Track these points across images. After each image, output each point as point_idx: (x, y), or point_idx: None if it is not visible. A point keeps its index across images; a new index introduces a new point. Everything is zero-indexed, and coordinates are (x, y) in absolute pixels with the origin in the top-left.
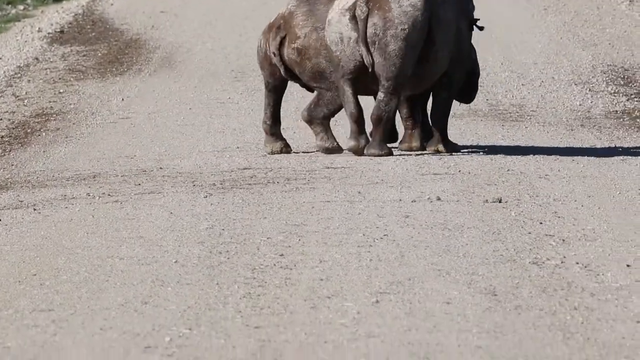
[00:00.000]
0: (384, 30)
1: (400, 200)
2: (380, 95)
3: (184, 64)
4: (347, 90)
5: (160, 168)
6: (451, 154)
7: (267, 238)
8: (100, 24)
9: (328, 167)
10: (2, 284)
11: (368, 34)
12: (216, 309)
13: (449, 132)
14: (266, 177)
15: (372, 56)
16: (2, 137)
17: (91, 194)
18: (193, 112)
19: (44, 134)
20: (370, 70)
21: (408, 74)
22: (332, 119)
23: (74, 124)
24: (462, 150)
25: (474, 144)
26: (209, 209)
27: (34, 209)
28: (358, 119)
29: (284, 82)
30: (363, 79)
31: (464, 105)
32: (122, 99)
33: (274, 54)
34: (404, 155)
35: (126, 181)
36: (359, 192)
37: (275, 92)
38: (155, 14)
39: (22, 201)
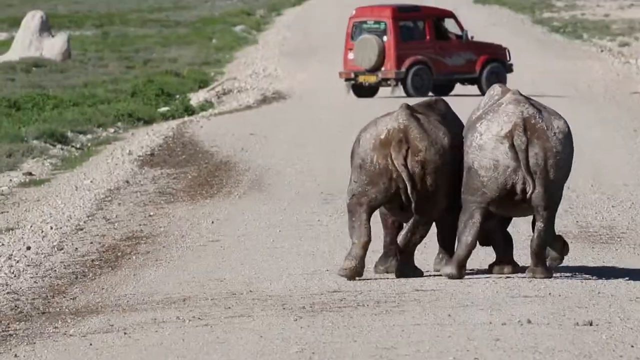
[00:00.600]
0: (544, 160)
1: (490, 323)
2: (540, 225)
3: (273, 186)
4: (477, 218)
5: (250, 291)
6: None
7: None
8: (190, 147)
9: (417, 290)
10: None
11: (530, 164)
12: None
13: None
14: (356, 300)
15: (534, 185)
16: (93, 260)
17: (181, 318)
18: (282, 235)
19: (134, 257)
20: (523, 199)
21: (560, 201)
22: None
23: (164, 247)
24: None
25: (564, 266)
26: (299, 332)
27: (125, 333)
28: (470, 249)
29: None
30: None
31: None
32: (212, 222)
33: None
34: (494, 277)
35: (216, 304)
36: (449, 315)
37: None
38: (244, 136)
39: (112, 325)
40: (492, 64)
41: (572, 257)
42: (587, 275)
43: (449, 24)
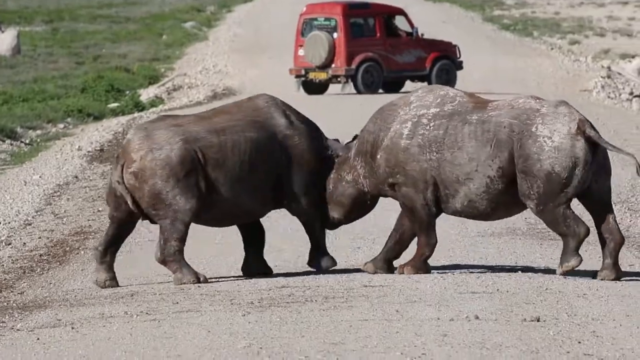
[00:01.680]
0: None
1: (438, 318)
2: (613, 217)
3: None
4: (571, 213)
5: (198, 286)
6: (487, 272)
7: (305, 357)
8: None
9: (366, 286)
10: None
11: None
12: None
13: (486, 250)
14: (304, 296)
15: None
16: (41, 255)
17: (129, 312)
18: (230, 230)
19: (82, 252)
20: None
21: None
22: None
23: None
24: (500, 269)
25: (512, 263)
26: (247, 327)
27: (72, 328)
28: (583, 238)
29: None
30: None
31: (501, 224)
32: None
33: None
34: (442, 273)
35: (164, 299)
36: (397, 311)
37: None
38: None
39: (60, 320)
40: (442, 61)
41: (520, 254)
42: (535, 272)
43: (400, 21)
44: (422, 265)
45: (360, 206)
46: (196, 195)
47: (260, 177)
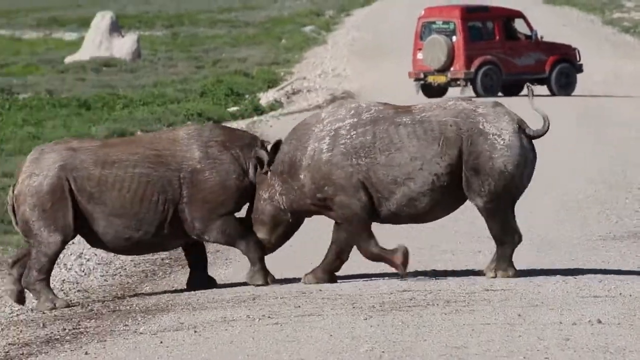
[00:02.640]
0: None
1: (560, 322)
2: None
3: None
4: (512, 216)
5: (320, 290)
6: (609, 276)
7: None
8: None
9: (487, 290)
10: None
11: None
12: None
13: (608, 253)
14: (425, 300)
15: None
16: (163, 259)
17: (251, 316)
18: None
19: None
20: None
21: None
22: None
23: (231, 247)
24: (624, 274)
25: (635, 267)
26: (369, 331)
27: (195, 331)
28: (517, 245)
29: None
30: None
31: (624, 228)
32: None
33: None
34: (564, 277)
35: (286, 303)
36: (519, 315)
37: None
38: None
39: (182, 323)
40: (562, 64)
41: None
42: None
43: (519, 24)
44: (327, 275)
45: (281, 224)
46: (60, 228)
47: (150, 212)
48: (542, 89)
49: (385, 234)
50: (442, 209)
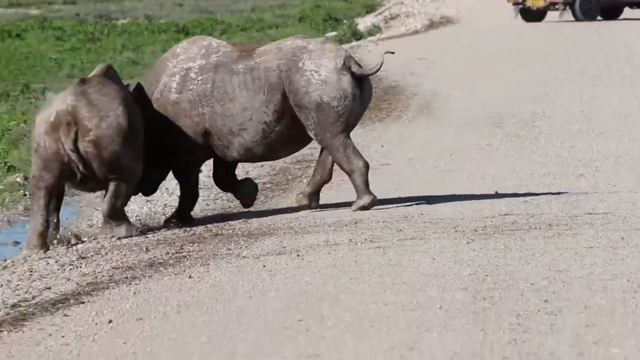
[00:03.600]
0: None
1: None
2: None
3: (442, 110)
4: (352, 144)
5: (422, 214)
6: None
7: (531, 284)
8: None
9: (590, 213)
10: (267, 330)
11: None
12: (482, 356)
13: None
14: (528, 223)
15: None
16: (264, 183)
17: (353, 240)
18: (452, 158)
19: (304, 180)
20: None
21: None
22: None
23: (334, 170)
24: None
25: None
26: (471, 254)
27: (297, 255)
28: (365, 172)
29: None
30: None
31: None
32: (382, 145)
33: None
34: None
35: (388, 227)
36: (622, 238)
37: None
38: (413, 61)
39: (285, 247)
40: None
41: None
42: None
43: None
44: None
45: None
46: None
47: None
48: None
49: (490, 157)
50: (287, 150)
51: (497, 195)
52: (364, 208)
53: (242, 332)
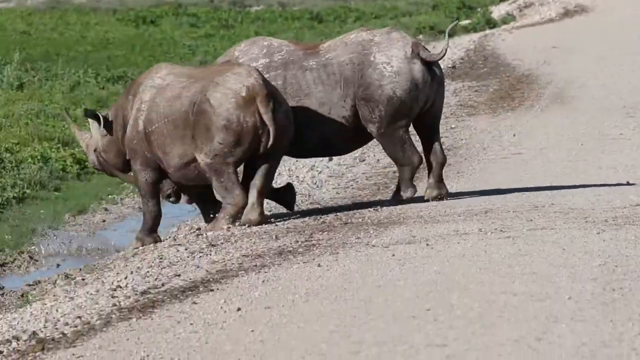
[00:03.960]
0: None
1: None
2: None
3: (575, 99)
4: (408, 139)
5: (552, 204)
6: None
7: None
8: (492, 60)
9: None
10: (396, 318)
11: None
12: (611, 347)
13: None
14: None
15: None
16: (394, 172)
17: (483, 230)
18: (584, 148)
19: None
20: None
21: None
22: None
23: (465, 159)
24: None
25: None
26: (601, 245)
27: (427, 244)
28: (417, 167)
29: None
30: None
31: None
32: (514, 135)
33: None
34: None
35: (518, 217)
36: None
37: None
38: (546, 50)
39: (414, 236)
40: None
41: None
42: None
43: None
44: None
45: None
46: None
47: None
48: None
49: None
50: (358, 143)
51: (629, 186)
52: (407, 199)
53: (370, 320)
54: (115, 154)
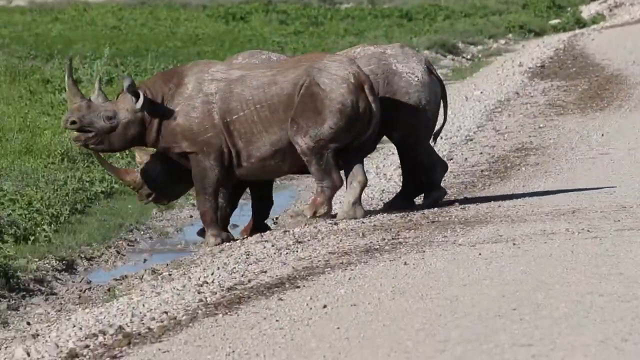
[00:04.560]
0: None
1: None
2: None
3: None
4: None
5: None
6: None
7: None
8: (581, 59)
9: None
10: (482, 317)
11: None
12: None
13: None
14: None
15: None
16: (482, 171)
17: (570, 230)
18: None
19: (523, 168)
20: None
21: None
22: None
23: (553, 158)
24: None
25: None
26: None
27: (514, 244)
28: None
29: None
30: None
31: None
32: (602, 135)
33: None
34: None
35: (605, 217)
36: None
37: None
38: (637, 50)
39: (501, 235)
40: None
41: None
42: None
43: None
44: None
45: None
46: None
47: None
48: None
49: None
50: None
51: None
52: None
53: (456, 319)
54: (129, 134)
